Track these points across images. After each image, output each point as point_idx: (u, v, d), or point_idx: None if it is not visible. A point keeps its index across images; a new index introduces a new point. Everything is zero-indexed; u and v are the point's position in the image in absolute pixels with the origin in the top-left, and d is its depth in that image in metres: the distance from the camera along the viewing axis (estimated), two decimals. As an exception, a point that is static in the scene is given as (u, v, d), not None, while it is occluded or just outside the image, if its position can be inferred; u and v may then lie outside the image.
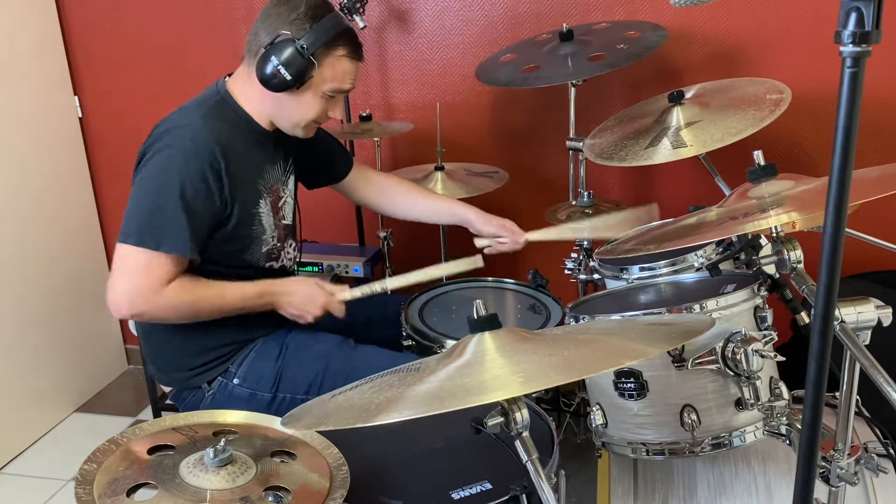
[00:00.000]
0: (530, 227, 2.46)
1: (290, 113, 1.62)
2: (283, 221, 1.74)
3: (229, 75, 1.67)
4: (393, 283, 1.71)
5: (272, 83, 1.54)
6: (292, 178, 1.79)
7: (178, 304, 1.54)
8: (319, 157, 1.89)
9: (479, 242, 1.87)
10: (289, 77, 1.52)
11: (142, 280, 1.50)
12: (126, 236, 1.50)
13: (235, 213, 1.58)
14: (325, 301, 1.66)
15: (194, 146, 1.51)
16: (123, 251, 1.51)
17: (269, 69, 1.52)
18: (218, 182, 1.53)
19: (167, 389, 1.77)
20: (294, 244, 1.81)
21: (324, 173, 1.93)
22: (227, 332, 1.67)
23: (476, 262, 1.73)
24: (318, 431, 1.17)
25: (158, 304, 1.52)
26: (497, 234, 1.86)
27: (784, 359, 1.24)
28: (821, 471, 1.14)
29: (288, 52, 1.51)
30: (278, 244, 1.72)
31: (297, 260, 1.85)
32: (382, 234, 2.30)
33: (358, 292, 1.69)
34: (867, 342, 1.07)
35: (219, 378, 1.68)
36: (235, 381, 1.67)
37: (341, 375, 1.60)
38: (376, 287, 1.70)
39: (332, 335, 1.74)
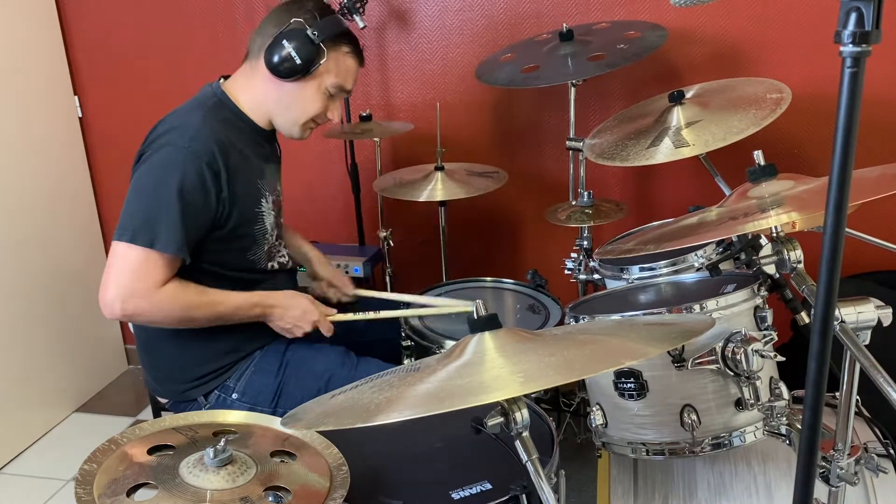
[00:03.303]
0: (531, 228, 2.47)
1: (293, 107, 1.63)
2: (280, 219, 1.75)
3: (224, 78, 1.69)
4: (386, 314, 1.75)
5: (281, 68, 1.56)
6: (280, 176, 1.80)
7: (170, 307, 1.52)
8: None
9: (310, 283, 1.95)
10: (298, 61, 1.55)
11: (135, 280, 1.48)
12: (121, 233, 1.49)
13: (235, 213, 1.58)
14: (317, 319, 1.67)
15: (193, 145, 1.51)
16: (117, 249, 1.50)
17: (279, 54, 1.56)
18: (216, 182, 1.53)
19: (164, 401, 1.77)
20: (284, 242, 1.81)
21: None
22: (224, 344, 1.66)
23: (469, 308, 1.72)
24: (318, 431, 1.17)
25: (151, 306, 1.50)
26: (330, 280, 1.92)
27: (784, 359, 1.24)
28: (821, 471, 1.14)
29: (299, 37, 1.55)
30: (276, 242, 1.73)
31: (289, 259, 1.85)
32: (382, 234, 2.29)
33: (350, 316, 1.72)
34: (867, 342, 1.07)
35: (216, 392, 1.67)
36: (234, 395, 1.66)
37: None
38: (369, 315, 1.73)
39: (334, 349, 1.73)
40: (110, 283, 1.49)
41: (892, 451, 1.34)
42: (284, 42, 1.55)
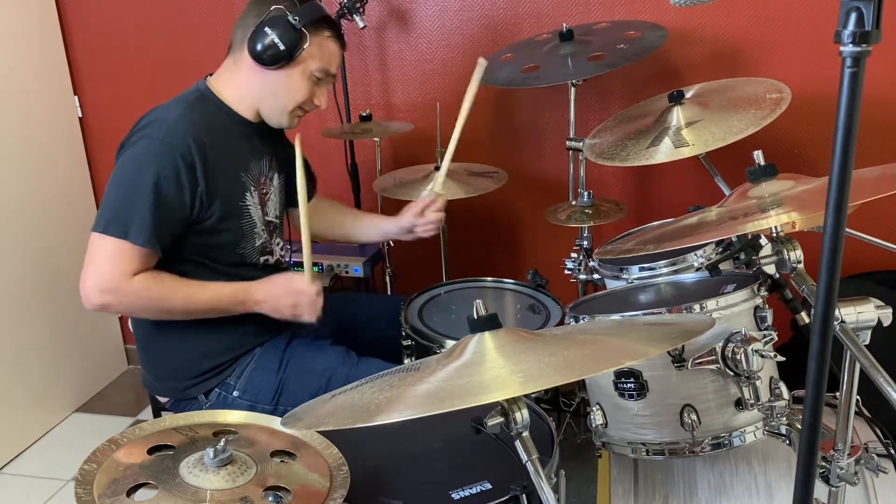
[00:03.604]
0: (531, 228, 2.47)
1: (279, 94, 1.64)
2: (267, 217, 1.73)
3: (210, 75, 1.70)
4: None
5: (265, 56, 1.57)
6: (277, 175, 1.78)
7: (145, 295, 1.52)
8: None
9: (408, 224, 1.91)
10: (282, 47, 1.56)
11: (108, 269, 1.49)
12: (96, 224, 1.52)
13: (217, 207, 1.58)
14: (299, 310, 1.61)
15: (169, 139, 1.52)
16: (93, 239, 1.52)
17: (262, 42, 1.56)
18: (191, 176, 1.53)
19: (164, 400, 1.77)
20: (280, 243, 1.80)
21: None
22: (225, 340, 1.67)
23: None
24: (318, 431, 1.17)
25: (125, 293, 1.50)
26: (413, 220, 1.89)
27: (784, 359, 1.24)
28: (821, 471, 1.14)
29: (281, 24, 1.56)
30: (268, 238, 1.72)
31: (287, 258, 1.83)
32: (383, 234, 2.29)
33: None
34: (867, 342, 1.07)
35: (216, 390, 1.67)
36: (235, 393, 1.67)
37: None
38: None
39: (335, 347, 1.73)
40: (86, 274, 1.51)
41: (892, 451, 1.34)
42: (267, 29, 1.56)
